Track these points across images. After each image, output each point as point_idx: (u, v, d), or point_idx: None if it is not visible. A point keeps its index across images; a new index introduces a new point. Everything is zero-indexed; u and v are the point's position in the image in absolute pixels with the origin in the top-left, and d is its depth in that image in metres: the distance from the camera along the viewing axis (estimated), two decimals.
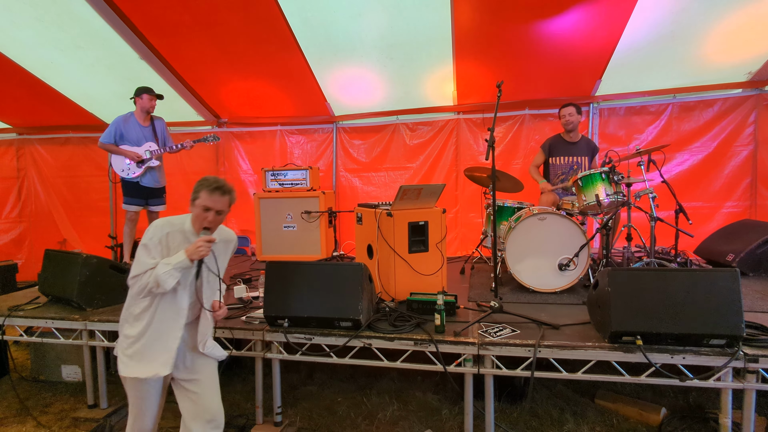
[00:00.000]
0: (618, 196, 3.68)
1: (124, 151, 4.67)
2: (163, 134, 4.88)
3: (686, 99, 5.23)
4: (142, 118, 4.75)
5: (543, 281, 3.57)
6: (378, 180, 6.13)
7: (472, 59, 4.99)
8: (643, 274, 2.57)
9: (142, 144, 4.73)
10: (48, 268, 3.67)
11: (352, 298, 2.77)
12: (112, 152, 4.72)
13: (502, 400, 3.32)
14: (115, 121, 4.73)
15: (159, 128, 4.86)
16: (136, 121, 4.74)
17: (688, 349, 2.40)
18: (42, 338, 3.45)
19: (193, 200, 2.35)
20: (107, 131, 4.70)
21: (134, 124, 4.73)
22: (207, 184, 2.35)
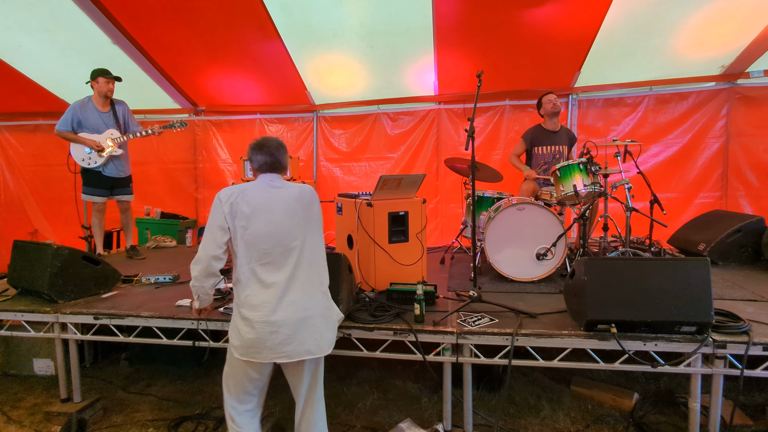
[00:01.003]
0: (595, 187, 3.73)
1: (82, 139, 4.44)
2: (126, 119, 4.64)
3: (662, 91, 5.33)
4: (101, 103, 4.51)
5: (521, 271, 3.61)
6: (359, 170, 6.10)
7: (453, 49, 4.98)
8: (618, 264, 2.62)
9: (102, 131, 4.50)
10: (17, 259, 3.56)
11: (332, 289, 2.75)
12: (70, 140, 4.47)
13: (481, 387, 3.37)
14: (72, 107, 4.48)
15: (120, 113, 4.60)
16: (94, 107, 4.50)
17: (660, 336, 2.46)
18: (11, 332, 3.34)
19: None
20: (63, 118, 4.45)
21: (92, 109, 4.49)
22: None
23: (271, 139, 2.44)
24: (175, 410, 3.34)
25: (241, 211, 2.25)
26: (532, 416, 3.13)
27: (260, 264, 2.25)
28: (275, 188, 2.35)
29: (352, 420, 3.16)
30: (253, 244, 2.25)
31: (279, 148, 2.40)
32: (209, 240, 2.30)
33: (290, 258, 2.26)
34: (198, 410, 3.33)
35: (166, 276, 3.83)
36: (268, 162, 2.38)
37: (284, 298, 2.22)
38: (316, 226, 2.40)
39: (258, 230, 2.24)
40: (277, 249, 2.25)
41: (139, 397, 3.56)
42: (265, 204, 2.28)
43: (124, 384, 3.77)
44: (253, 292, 2.25)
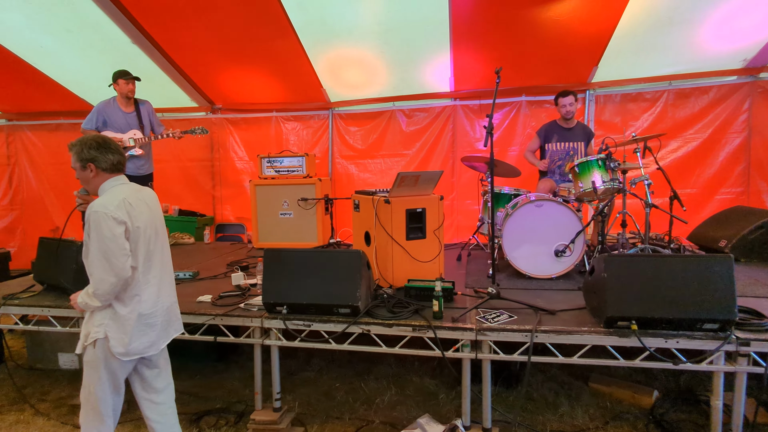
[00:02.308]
0: (614, 183, 3.70)
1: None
2: (150, 119, 4.76)
3: (682, 86, 5.24)
4: (124, 103, 4.63)
5: (539, 267, 3.60)
6: (374, 167, 6.11)
7: (469, 44, 4.95)
8: (639, 260, 2.60)
9: (126, 131, 4.62)
10: (42, 256, 3.65)
11: (350, 285, 2.78)
12: None
13: (499, 384, 3.37)
14: (97, 107, 4.61)
15: (145, 113, 4.71)
16: (118, 107, 4.62)
17: (681, 333, 2.44)
18: (38, 326, 3.43)
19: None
20: (89, 117, 4.58)
21: (117, 110, 4.61)
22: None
23: (101, 135, 2.36)
24: (196, 404, 3.41)
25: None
26: (551, 413, 3.13)
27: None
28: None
29: (370, 415, 3.20)
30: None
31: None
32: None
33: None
34: (219, 404, 3.40)
35: (185, 272, 3.90)
36: (121, 161, 2.33)
37: None
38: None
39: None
40: None
41: None
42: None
43: None
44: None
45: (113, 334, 2.21)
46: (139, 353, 2.27)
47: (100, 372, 2.25)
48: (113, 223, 2.14)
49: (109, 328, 2.21)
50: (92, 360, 2.25)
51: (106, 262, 2.13)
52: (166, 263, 2.44)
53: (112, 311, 2.22)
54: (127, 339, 2.22)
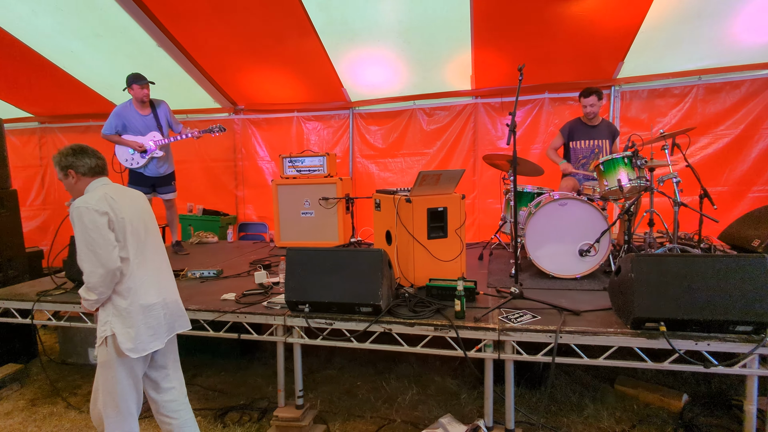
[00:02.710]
0: (641, 181, 3.61)
1: (127, 141, 4.67)
2: (168, 119, 4.83)
3: (712, 80, 5.08)
4: (140, 107, 4.72)
5: (563, 267, 3.54)
6: (395, 166, 6.11)
7: (490, 42, 4.90)
8: (668, 260, 2.53)
9: (145, 134, 4.72)
10: (74, 254, 3.75)
11: (372, 284, 2.79)
12: (116, 143, 4.72)
13: (521, 385, 3.34)
14: (115, 111, 4.71)
15: (162, 114, 4.79)
16: (135, 111, 4.71)
17: (713, 335, 2.37)
18: (70, 322, 3.55)
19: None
20: (108, 123, 4.68)
21: (134, 113, 4.70)
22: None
23: (77, 144, 2.47)
24: (221, 400, 3.46)
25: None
26: (575, 414, 3.08)
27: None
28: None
29: (392, 414, 3.20)
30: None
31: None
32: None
33: None
34: (242, 401, 3.45)
35: (210, 270, 3.97)
36: (100, 164, 2.43)
37: None
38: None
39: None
40: None
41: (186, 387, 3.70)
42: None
43: None
44: None
45: (119, 329, 2.26)
46: (147, 348, 2.32)
47: (116, 370, 2.30)
48: (95, 215, 2.21)
49: (114, 324, 2.27)
50: (106, 359, 2.30)
51: (92, 254, 2.20)
52: (162, 259, 2.51)
53: (113, 306, 2.29)
54: (133, 332, 2.27)
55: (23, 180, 6.97)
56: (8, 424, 3.28)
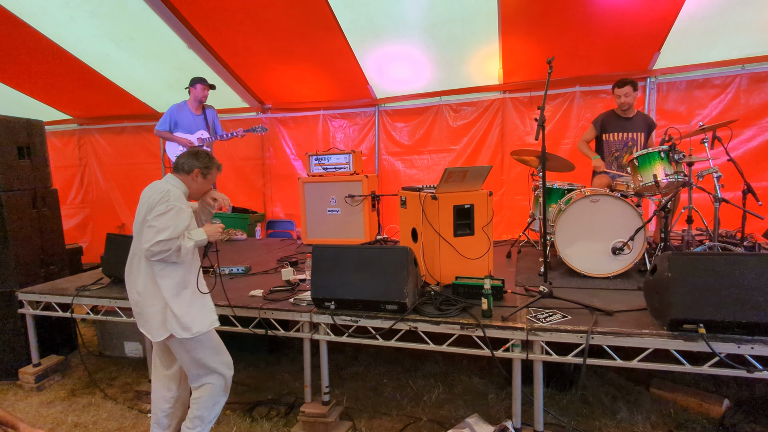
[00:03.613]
0: (678, 176, 3.46)
1: (178, 138, 4.93)
2: (214, 123, 5.15)
3: (757, 69, 4.81)
4: (195, 107, 5.01)
5: (595, 266, 3.43)
6: (420, 163, 6.06)
7: (519, 35, 4.79)
8: (707, 259, 2.41)
9: (194, 132, 4.96)
10: (110, 251, 3.89)
11: (397, 282, 2.77)
12: (167, 139, 4.99)
13: (551, 386, 3.26)
14: (170, 109, 5.01)
15: (210, 117, 5.14)
16: (189, 110, 5.01)
17: (757, 339, 2.25)
18: (106, 317, 3.67)
19: (205, 174, 2.71)
20: (162, 119, 5.00)
21: (188, 112, 5.01)
22: (216, 163, 2.78)
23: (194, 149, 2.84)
24: (250, 395, 3.52)
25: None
26: (608, 418, 2.99)
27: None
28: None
29: (418, 412, 3.18)
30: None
31: (186, 155, 2.72)
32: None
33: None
34: (270, 395, 3.49)
35: (239, 267, 4.03)
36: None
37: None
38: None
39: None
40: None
41: None
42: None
43: None
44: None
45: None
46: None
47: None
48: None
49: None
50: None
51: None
52: (134, 259, 2.66)
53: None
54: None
55: (64, 180, 7.26)
56: (50, 413, 3.43)
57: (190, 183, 2.69)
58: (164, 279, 2.53)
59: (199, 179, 2.69)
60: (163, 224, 2.43)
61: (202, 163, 2.68)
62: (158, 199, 2.49)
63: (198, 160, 2.68)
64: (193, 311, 2.57)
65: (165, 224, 2.43)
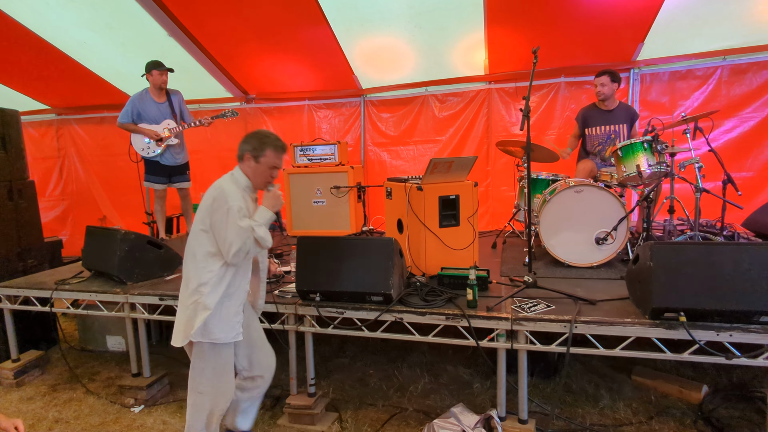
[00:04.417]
0: (661, 167, 3.49)
1: (142, 129, 4.69)
2: (181, 109, 4.85)
3: (738, 61, 4.87)
4: (157, 94, 4.73)
5: (579, 256, 3.46)
6: (407, 154, 6.04)
7: (504, 24, 4.77)
8: (688, 248, 2.44)
9: (160, 122, 4.73)
10: (90, 243, 3.81)
11: (383, 273, 2.76)
12: (131, 131, 4.74)
13: (535, 375, 3.29)
14: (131, 99, 4.73)
15: (176, 103, 4.80)
16: (151, 98, 4.72)
17: (735, 326, 2.29)
18: (87, 311, 3.61)
19: (256, 157, 2.39)
20: (123, 111, 4.70)
21: (150, 101, 4.72)
22: (272, 142, 2.42)
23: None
24: None
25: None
26: (590, 405, 3.03)
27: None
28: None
29: (404, 402, 3.19)
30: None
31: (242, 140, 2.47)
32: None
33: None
34: None
35: None
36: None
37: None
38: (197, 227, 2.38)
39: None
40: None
41: None
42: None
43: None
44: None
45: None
46: None
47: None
48: None
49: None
50: None
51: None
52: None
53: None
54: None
55: (42, 171, 7.08)
56: (30, 409, 3.36)
57: (246, 170, 2.42)
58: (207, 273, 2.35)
59: (252, 164, 2.39)
60: (227, 235, 2.26)
61: (250, 146, 2.39)
62: (209, 204, 2.31)
63: (246, 142, 2.40)
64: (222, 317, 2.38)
65: (228, 234, 2.26)
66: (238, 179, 2.44)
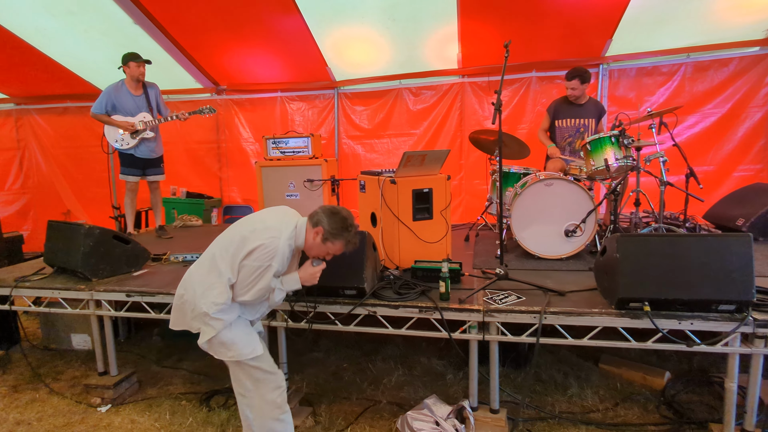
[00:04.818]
0: (627, 161, 3.58)
1: (116, 122, 4.57)
2: (157, 102, 4.75)
3: (700, 58, 5.04)
4: (133, 86, 4.62)
5: (549, 248, 3.53)
6: (381, 147, 6.03)
7: (477, 19, 4.79)
8: (652, 240, 2.52)
9: (135, 114, 4.62)
10: (52, 239, 3.67)
11: (356, 267, 2.75)
12: (105, 123, 4.62)
13: (507, 365, 3.35)
14: (106, 90, 4.60)
15: (153, 96, 4.71)
16: (127, 91, 4.61)
17: (696, 315, 2.37)
18: (50, 308, 3.47)
19: (326, 239, 2.33)
20: (98, 102, 4.59)
21: (126, 93, 4.60)
22: (349, 237, 2.37)
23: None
24: (206, 384, 3.44)
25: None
26: (559, 394, 3.11)
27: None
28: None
29: (377, 395, 3.20)
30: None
31: (329, 210, 2.41)
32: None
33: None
34: (228, 384, 3.40)
35: (193, 254, 3.89)
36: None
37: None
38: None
39: None
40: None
41: (171, 371, 3.68)
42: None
43: (157, 358, 3.90)
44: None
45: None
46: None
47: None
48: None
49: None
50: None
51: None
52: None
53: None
54: None
55: (0, 164, 6.77)
56: None
57: (309, 237, 2.36)
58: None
59: (318, 239, 2.33)
60: (248, 284, 2.28)
61: (329, 225, 2.30)
62: (254, 247, 2.24)
63: (329, 217, 2.32)
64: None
65: (250, 285, 2.28)
66: (297, 238, 2.37)
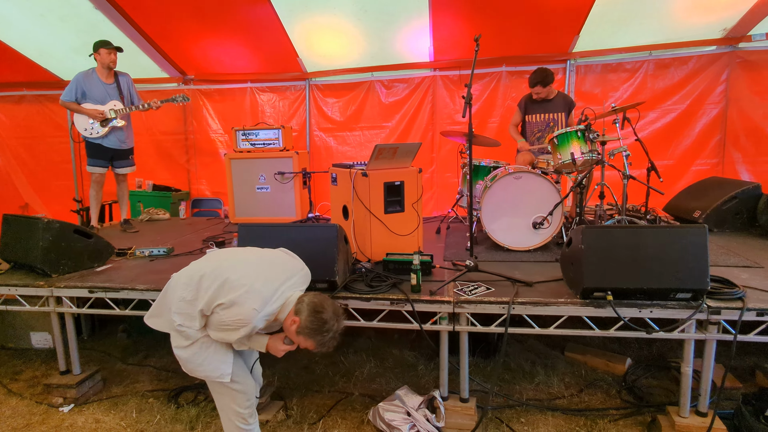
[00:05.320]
0: (593, 155, 3.69)
1: (86, 110, 4.43)
2: (130, 91, 4.63)
3: (662, 56, 5.22)
4: (105, 74, 4.49)
5: (517, 240, 3.60)
6: (353, 139, 6.00)
7: (448, 12, 4.82)
8: (616, 232, 2.60)
9: (106, 102, 4.48)
10: (8, 233, 3.50)
11: (327, 260, 2.74)
12: (74, 111, 4.48)
13: (476, 355, 3.42)
14: (76, 77, 4.46)
15: (124, 85, 4.59)
16: (98, 78, 4.48)
17: (655, 303, 2.48)
18: (6, 306, 3.33)
19: (298, 333, 2.18)
20: (68, 89, 4.44)
21: (97, 81, 4.47)
22: (323, 341, 2.21)
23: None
24: (174, 380, 3.38)
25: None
26: (527, 382, 3.19)
27: None
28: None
29: (350, 387, 3.21)
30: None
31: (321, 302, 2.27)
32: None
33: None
34: (197, 380, 3.36)
35: (160, 249, 3.80)
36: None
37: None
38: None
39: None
40: None
41: (138, 369, 3.59)
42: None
43: (122, 355, 3.80)
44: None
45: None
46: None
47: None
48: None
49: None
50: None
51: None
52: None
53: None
54: None
55: None
56: None
57: (287, 322, 2.21)
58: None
59: (293, 327, 2.18)
60: (218, 332, 2.22)
61: (306, 323, 2.15)
62: (231, 306, 2.12)
63: (310, 315, 2.15)
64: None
65: (218, 331, 2.21)
66: (280, 313, 2.24)
